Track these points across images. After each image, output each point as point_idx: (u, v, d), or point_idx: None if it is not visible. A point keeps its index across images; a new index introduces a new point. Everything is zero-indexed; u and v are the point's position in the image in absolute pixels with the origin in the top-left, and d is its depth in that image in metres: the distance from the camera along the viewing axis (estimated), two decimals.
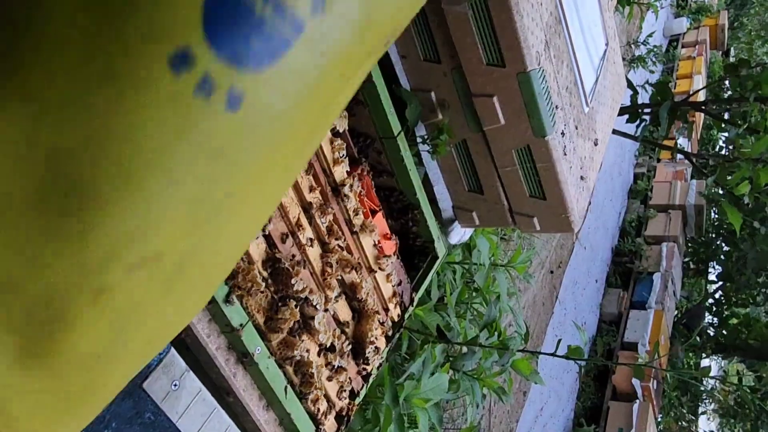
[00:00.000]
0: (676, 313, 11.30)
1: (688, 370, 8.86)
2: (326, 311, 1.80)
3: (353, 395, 1.95)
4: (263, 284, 1.55)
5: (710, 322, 12.96)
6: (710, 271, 13.62)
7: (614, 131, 3.60)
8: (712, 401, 12.50)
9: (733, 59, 16.54)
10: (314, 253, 1.78)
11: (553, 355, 2.43)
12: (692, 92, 5.40)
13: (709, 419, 14.18)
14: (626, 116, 4.46)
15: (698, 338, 11.80)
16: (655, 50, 9.26)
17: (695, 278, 13.93)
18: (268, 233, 1.60)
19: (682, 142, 9.50)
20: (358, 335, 1.99)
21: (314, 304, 1.69)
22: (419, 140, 2.40)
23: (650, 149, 11.58)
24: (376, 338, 2.01)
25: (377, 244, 2.08)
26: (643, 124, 4.60)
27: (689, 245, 12.60)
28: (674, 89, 10.77)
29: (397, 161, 2.14)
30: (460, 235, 2.74)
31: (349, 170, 1.94)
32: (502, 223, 2.58)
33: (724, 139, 11.13)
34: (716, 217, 12.78)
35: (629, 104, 4.46)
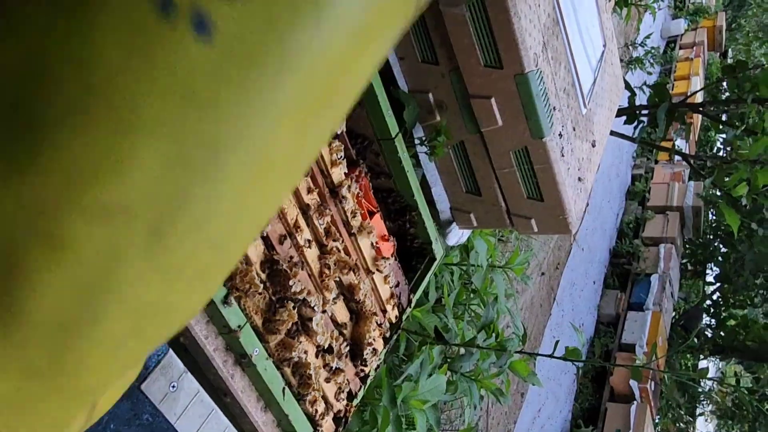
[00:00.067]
0: (673, 314, 11.31)
1: (685, 371, 8.88)
2: (324, 313, 1.80)
3: (351, 397, 1.95)
4: (261, 286, 1.55)
5: (708, 323, 12.98)
6: (708, 272, 13.66)
7: (612, 133, 3.60)
8: (709, 403, 12.52)
9: (730, 61, 16.59)
10: (312, 254, 1.78)
11: (550, 356, 2.43)
12: (690, 94, 5.41)
13: (706, 421, 14.20)
14: (624, 118, 4.47)
15: (696, 340, 11.82)
16: (652, 52, 9.28)
17: (693, 280, 13.96)
18: (266, 235, 1.60)
19: (679, 143, 9.51)
20: (355, 337, 1.99)
21: (312, 305, 1.69)
22: (417, 142, 2.40)
23: (648, 151, 11.60)
24: (374, 340, 2.01)
25: (375, 245, 2.08)
26: (640, 125, 4.61)
27: (687, 247, 12.61)
28: (672, 91, 10.77)
29: (394, 163, 2.14)
30: (457, 236, 2.74)
31: (347, 172, 1.94)
32: (499, 224, 2.58)
33: (721, 140, 11.14)
34: (714, 218, 12.81)
35: (627, 106, 4.47)
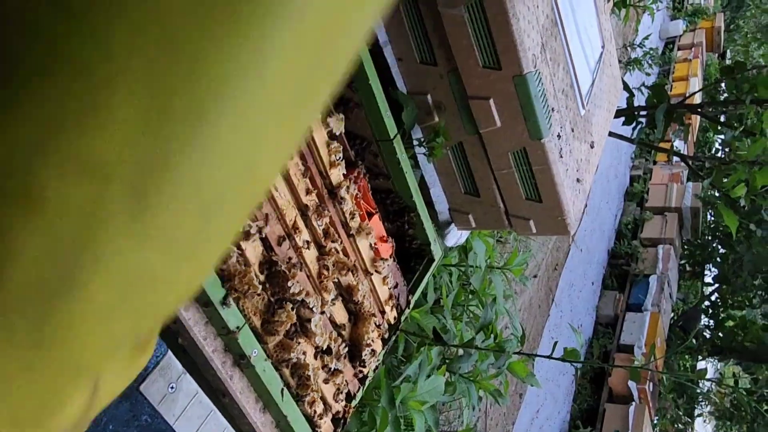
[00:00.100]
0: (672, 315, 11.32)
1: (684, 372, 8.89)
2: (323, 314, 1.80)
3: (350, 398, 1.95)
4: (260, 287, 1.55)
5: (706, 324, 12.98)
6: (706, 273, 13.66)
7: (610, 134, 3.60)
8: (708, 404, 12.52)
9: (729, 62, 16.61)
10: (311, 255, 1.78)
11: (549, 357, 2.43)
12: (689, 95, 5.41)
13: (705, 422, 14.20)
14: (622, 119, 4.47)
15: (694, 341, 11.82)
16: (651, 53, 9.29)
17: (691, 281, 13.96)
18: (265, 236, 1.60)
19: (678, 144, 9.51)
20: (354, 338, 1.99)
21: (311, 306, 1.69)
22: (415, 143, 2.40)
23: (646, 152, 11.60)
24: (372, 341, 2.01)
25: (374, 246, 2.08)
26: (639, 126, 4.61)
27: (685, 247, 12.62)
28: (670, 91, 10.78)
29: (393, 164, 2.14)
30: (456, 237, 2.74)
31: (345, 173, 1.94)
32: (498, 225, 2.58)
33: (720, 141, 11.15)
34: (712, 219, 12.82)
35: (625, 107, 4.47)
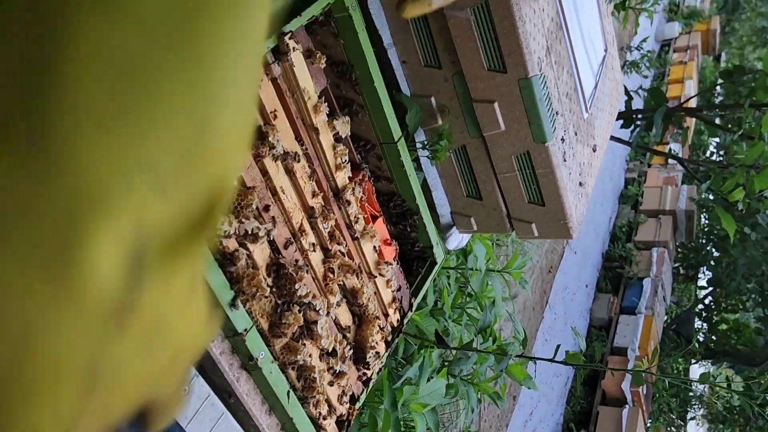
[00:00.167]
0: (666, 318, 11.34)
1: (676, 375, 8.90)
2: (328, 316, 1.80)
3: (353, 400, 1.95)
4: (268, 290, 1.55)
5: (699, 327, 13.01)
6: (700, 276, 13.68)
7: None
8: (701, 407, 12.55)
9: (724, 64, 16.65)
10: (316, 258, 1.78)
11: (552, 360, 2.43)
12: (686, 98, 5.43)
13: (698, 425, 14.23)
14: (620, 121, 4.48)
15: (696, 344, 11.86)
16: (648, 55, 9.31)
17: (685, 284, 13.98)
18: (272, 239, 1.60)
19: (675, 147, 9.53)
20: (358, 340, 1.99)
21: (317, 309, 1.69)
22: (419, 146, 2.39)
23: (641, 154, 11.62)
24: (376, 343, 2.01)
25: (377, 249, 2.08)
26: (637, 129, 4.63)
27: (679, 251, 12.64)
28: (666, 94, 10.82)
29: (396, 167, 2.14)
30: (458, 240, 2.73)
31: (350, 176, 1.94)
32: (500, 228, 2.58)
33: (715, 144, 11.18)
34: (707, 222, 12.84)
35: (624, 110, 4.48)
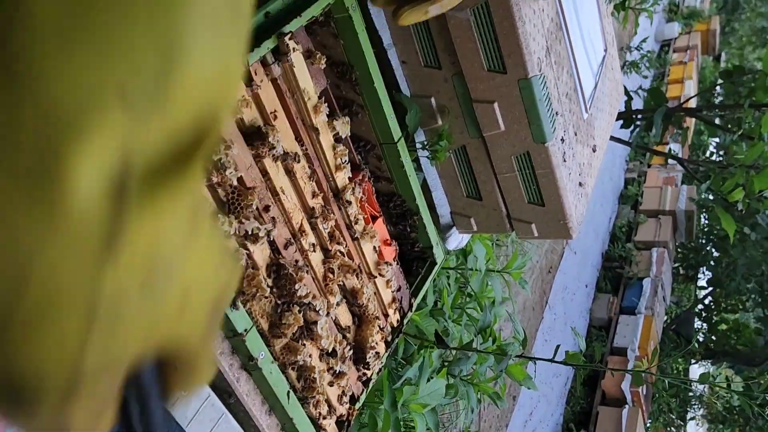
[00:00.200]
0: (665, 318, 11.34)
1: (676, 375, 8.90)
2: (328, 316, 1.80)
3: (353, 400, 1.95)
4: (268, 290, 1.55)
5: (699, 327, 13.02)
6: (700, 276, 13.68)
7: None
8: (701, 407, 12.54)
9: (724, 64, 16.64)
10: (316, 258, 1.78)
11: (551, 361, 2.43)
12: (686, 98, 5.44)
13: (697, 425, 14.23)
14: (620, 122, 4.48)
15: (696, 344, 11.86)
16: (648, 55, 9.30)
17: (685, 284, 13.99)
18: (273, 239, 1.60)
19: (674, 147, 9.53)
20: (358, 340, 1.99)
21: (317, 309, 1.69)
22: (419, 146, 2.39)
23: (641, 154, 11.62)
24: (376, 343, 2.01)
25: (377, 249, 2.08)
26: (636, 129, 4.63)
27: (679, 251, 12.64)
28: (665, 94, 10.82)
29: (396, 167, 2.14)
30: (457, 240, 2.73)
31: (350, 176, 1.94)
32: (500, 229, 2.58)
33: (714, 144, 11.18)
34: (706, 222, 12.84)
35: (624, 110, 4.48)
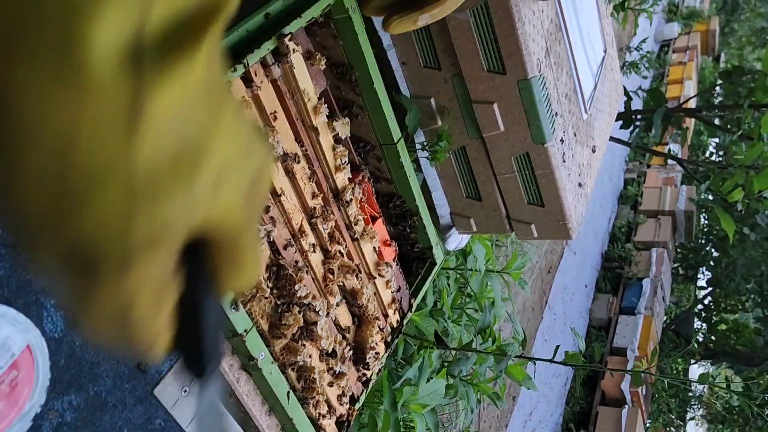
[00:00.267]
0: (665, 318, 11.35)
1: (675, 375, 8.91)
2: (328, 317, 1.81)
3: (353, 401, 1.96)
4: (268, 290, 1.55)
5: (699, 327, 13.02)
6: (699, 277, 13.69)
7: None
8: (701, 407, 12.56)
9: (723, 64, 16.66)
10: (316, 259, 1.78)
11: (551, 361, 2.44)
12: (685, 99, 5.44)
13: (697, 425, 14.24)
14: (620, 122, 4.48)
15: (695, 345, 11.87)
16: (648, 56, 9.30)
17: (684, 284, 13.99)
18: (272, 240, 1.60)
19: (674, 147, 9.54)
20: (358, 341, 1.99)
21: (317, 310, 1.70)
22: (418, 147, 2.39)
23: (640, 155, 11.62)
24: (376, 344, 2.01)
25: (377, 250, 2.08)
26: (636, 130, 4.63)
27: (679, 251, 12.65)
28: (665, 94, 10.83)
29: (396, 168, 2.14)
30: (457, 241, 2.73)
31: (350, 177, 1.94)
32: (499, 229, 2.58)
33: (714, 144, 11.19)
34: (706, 222, 12.85)
35: (623, 110, 4.48)
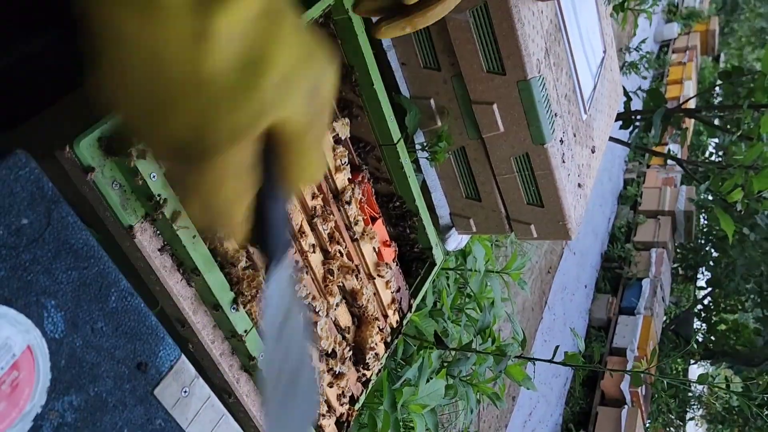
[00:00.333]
0: (664, 319, 11.34)
1: (675, 376, 8.91)
2: (327, 317, 1.80)
3: (353, 401, 1.96)
4: None
5: (698, 328, 13.02)
6: (699, 277, 13.69)
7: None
8: (700, 407, 12.56)
9: (723, 65, 16.64)
10: (316, 259, 1.78)
11: (550, 361, 2.44)
12: (685, 99, 5.44)
13: (697, 425, 14.24)
14: (619, 122, 4.48)
15: (694, 345, 11.87)
16: (647, 56, 9.30)
17: (684, 284, 13.99)
18: None
19: (674, 148, 9.53)
20: (358, 341, 1.99)
21: (317, 310, 1.70)
22: (418, 147, 2.39)
23: (640, 155, 11.62)
24: (375, 344, 2.01)
25: (377, 251, 2.08)
26: (636, 130, 4.63)
27: (678, 251, 12.64)
28: (665, 94, 10.81)
29: (396, 168, 2.14)
30: (457, 241, 2.73)
31: (350, 177, 1.94)
32: (499, 230, 2.58)
33: (714, 145, 11.19)
34: (705, 223, 12.85)
35: (622, 110, 4.48)
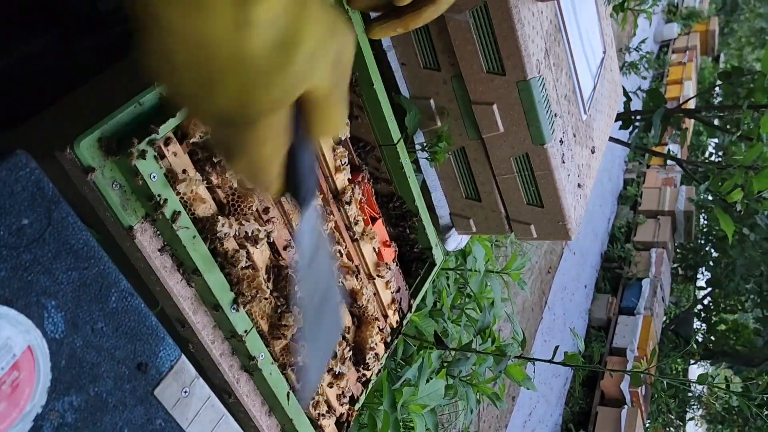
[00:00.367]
0: (664, 319, 11.34)
1: (675, 376, 8.92)
2: None
3: (353, 401, 1.96)
4: (268, 291, 1.55)
5: (698, 328, 13.03)
6: (699, 277, 13.70)
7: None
8: (700, 407, 12.56)
9: (723, 65, 16.65)
10: None
11: (550, 362, 2.44)
12: (685, 99, 5.44)
13: (696, 425, 14.24)
14: (619, 123, 4.48)
15: (694, 345, 11.87)
16: (647, 56, 9.30)
17: (684, 284, 14.00)
18: (272, 241, 1.60)
19: (673, 148, 9.54)
20: (358, 341, 1.99)
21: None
22: (418, 147, 2.39)
23: (640, 155, 11.62)
24: (375, 344, 2.01)
25: (377, 251, 2.08)
26: (635, 130, 4.63)
27: (678, 251, 12.65)
28: (664, 95, 10.82)
29: (396, 168, 2.14)
30: (456, 242, 2.74)
31: (350, 177, 1.94)
32: (499, 230, 2.58)
33: (714, 145, 11.19)
34: (705, 223, 12.85)
35: (622, 111, 4.48)
